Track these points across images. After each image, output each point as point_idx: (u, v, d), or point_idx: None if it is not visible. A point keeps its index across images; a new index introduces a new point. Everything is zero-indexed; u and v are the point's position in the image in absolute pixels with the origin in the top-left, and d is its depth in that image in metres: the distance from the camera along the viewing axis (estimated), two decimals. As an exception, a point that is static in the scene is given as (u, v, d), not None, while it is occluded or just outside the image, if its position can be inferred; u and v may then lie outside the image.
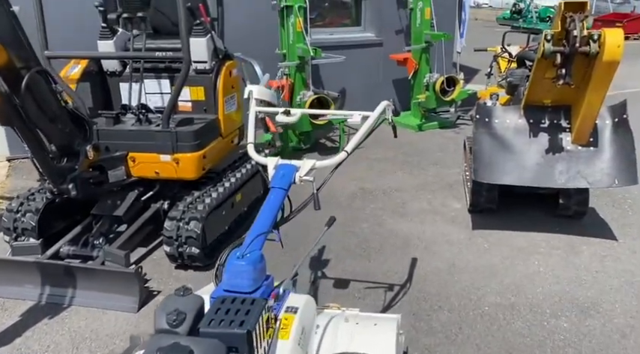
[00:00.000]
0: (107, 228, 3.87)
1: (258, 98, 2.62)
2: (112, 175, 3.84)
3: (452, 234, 4.27)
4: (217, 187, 4.06)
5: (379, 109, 2.53)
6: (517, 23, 20.92)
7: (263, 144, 6.54)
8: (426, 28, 6.95)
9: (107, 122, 3.99)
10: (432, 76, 7.00)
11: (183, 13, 3.59)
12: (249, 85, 2.67)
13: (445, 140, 6.74)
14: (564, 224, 4.34)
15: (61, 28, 5.44)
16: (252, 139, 2.40)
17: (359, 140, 2.33)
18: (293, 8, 5.87)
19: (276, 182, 2.10)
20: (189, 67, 3.75)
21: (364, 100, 7.66)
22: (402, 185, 5.32)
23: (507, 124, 3.99)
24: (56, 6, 5.46)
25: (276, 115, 2.57)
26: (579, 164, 3.80)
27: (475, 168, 3.92)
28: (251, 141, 2.38)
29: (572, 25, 3.18)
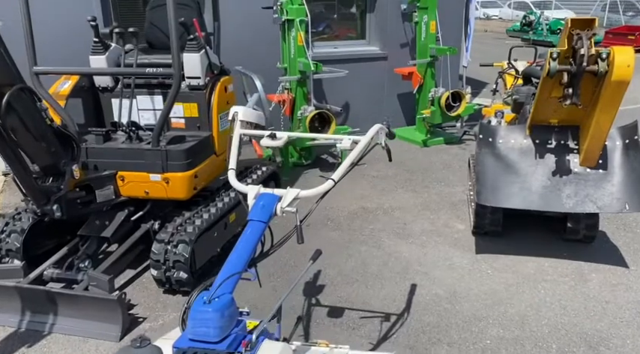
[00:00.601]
0: (94, 250, 3.73)
1: (244, 120, 2.48)
2: (99, 195, 3.71)
3: (454, 258, 4.08)
4: (209, 208, 3.92)
5: (370, 134, 2.37)
6: (527, 35, 20.81)
7: (264, 159, 6.43)
8: (431, 42, 6.80)
9: (97, 140, 3.87)
10: (437, 90, 6.84)
11: (174, 28, 3.47)
12: (234, 107, 2.54)
13: (450, 157, 6.56)
14: (573, 249, 4.13)
15: (53, 43, 5.38)
16: (233, 164, 2.25)
17: (347, 167, 2.16)
18: (294, 22, 5.74)
19: (254, 214, 1.95)
20: (179, 84, 3.62)
21: (368, 115, 7.54)
22: (404, 204, 5.14)
23: (512, 145, 3.81)
24: (48, 20, 5.44)
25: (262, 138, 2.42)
26: (588, 188, 3.61)
27: (478, 190, 3.74)
28: (232, 167, 2.23)
29: (580, 43, 3.01)
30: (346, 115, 7.46)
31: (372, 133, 2.38)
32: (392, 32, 7.40)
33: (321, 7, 7.82)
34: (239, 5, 6.40)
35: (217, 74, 4.31)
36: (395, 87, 7.55)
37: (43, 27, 5.39)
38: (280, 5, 5.90)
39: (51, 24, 5.46)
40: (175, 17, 3.47)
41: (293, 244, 2.14)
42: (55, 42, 5.44)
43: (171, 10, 3.45)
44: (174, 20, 3.46)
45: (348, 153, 2.28)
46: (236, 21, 6.46)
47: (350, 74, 6.93)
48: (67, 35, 5.40)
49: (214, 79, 4.24)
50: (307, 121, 5.72)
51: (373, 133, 2.38)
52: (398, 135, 7.42)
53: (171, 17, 3.45)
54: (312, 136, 2.51)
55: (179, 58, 3.56)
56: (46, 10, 5.48)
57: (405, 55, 7.38)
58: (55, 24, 5.52)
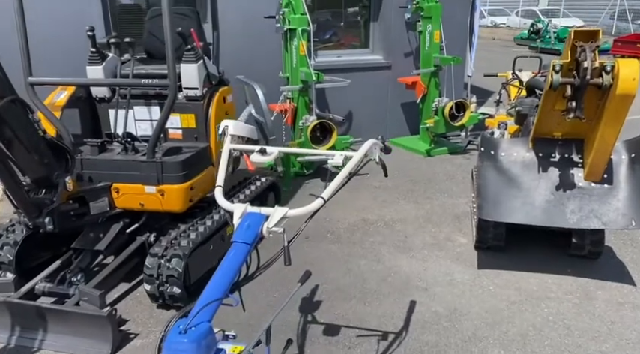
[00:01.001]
0: (87, 263, 3.67)
1: (235, 134, 2.41)
2: (93, 207, 3.66)
3: (455, 273, 3.98)
4: (205, 220, 3.86)
5: (364, 149, 2.29)
6: (535, 43, 20.69)
7: (265, 169, 6.37)
8: (435, 51, 6.73)
9: (92, 151, 3.82)
10: (441, 100, 6.76)
11: (169, 38, 3.42)
12: (224, 120, 2.47)
13: (454, 167, 6.46)
14: (578, 265, 4.02)
15: (55, 53, 5.37)
16: (221, 181, 2.18)
17: (339, 185, 2.09)
18: (296, 31, 5.69)
19: (238, 235, 1.87)
20: (175, 95, 3.56)
21: (371, 124, 7.47)
22: (405, 216, 5.05)
23: (514, 158, 3.72)
24: (49, 31, 5.43)
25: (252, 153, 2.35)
26: (592, 203, 3.51)
27: (479, 204, 3.65)
28: (219, 184, 2.16)
29: (583, 56, 2.92)
30: (349, 125, 7.40)
31: (366, 148, 2.30)
32: (396, 41, 7.33)
33: (327, 15, 7.78)
34: (241, 14, 6.37)
35: (216, 85, 4.26)
36: (399, 96, 7.47)
37: (44, 37, 5.45)
38: (282, 15, 5.86)
39: (52, 34, 5.44)
40: (171, 27, 3.42)
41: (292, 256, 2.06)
42: (57, 52, 5.43)
43: (166, 20, 3.40)
44: (170, 30, 3.41)
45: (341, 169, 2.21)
46: (238, 30, 6.43)
47: (353, 83, 6.88)
48: (69, 45, 5.37)
49: (212, 90, 4.19)
50: (308, 131, 5.67)
51: (366, 148, 2.30)
52: (401, 145, 7.35)
53: (166, 27, 3.40)
54: (303, 151, 2.43)
55: (175, 68, 3.51)
56: (48, 20, 5.47)
57: (409, 65, 7.31)
58: (57, 34, 5.50)
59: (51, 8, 5.48)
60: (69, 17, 5.49)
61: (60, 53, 5.41)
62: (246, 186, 4.60)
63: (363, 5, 7.60)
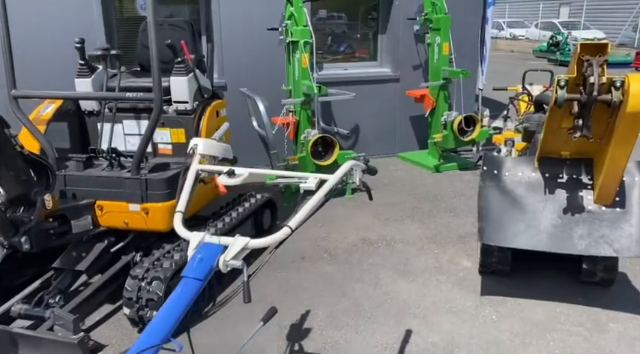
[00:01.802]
0: (67, 284, 3.52)
1: (205, 154, 2.24)
2: (75, 225, 3.51)
3: (456, 300, 3.74)
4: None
5: (340, 172, 2.09)
6: (554, 56, 20.34)
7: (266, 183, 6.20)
8: (444, 64, 6.52)
9: (77, 167, 3.70)
10: (450, 114, 6.53)
11: (154, 50, 3.28)
12: (194, 139, 2.31)
13: (463, 184, 6.21)
14: (589, 293, 3.75)
15: (57, 65, 5.29)
16: (181, 206, 2.00)
17: (309, 212, 1.89)
18: (299, 44, 5.54)
19: (189, 270, 1.68)
20: (160, 109, 3.42)
21: (379, 138, 7.27)
22: (408, 236, 4.82)
23: (519, 178, 3.49)
24: (53, 42, 5.36)
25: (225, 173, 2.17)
26: (603, 228, 3.25)
27: (481, 227, 3.42)
28: (179, 209, 1.98)
29: (590, 71, 2.70)
30: (356, 139, 7.21)
31: (342, 171, 2.10)
32: (404, 54, 7.14)
33: (344, 27, 7.63)
34: (244, 26, 6.26)
35: (208, 98, 4.12)
36: (407, 109, 7.27)
37: (47, 49, 5.39)
38: (285, 27, 5.72)
39: (56, 46, 5.36)
40: (157, 39, 3.28)
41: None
42: (58, 64, 5.35)
43: (152, 31, 3.26)
44: (155, 42, 3.27)
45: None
46: (242, 43, 6.32)
47: (361, 96, 6.71)
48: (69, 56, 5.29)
49: (204, 104, 4.05)
50: (309, 145, 5.49)
51: (343, 172, 2.10)
52: (409, 159, 7.13)
53: (152, 39, 3.26)
54: (275, 173, 2.22)
55: (160, 81, 3.36)
56: (49, 32, 5.41)
57: (417, 77, 7.11)
58: (59, 46, 5.43)
59: (52, 18, 5.42)
60: (70, 28, 5.41)
61: (61, 65, 5.33)
62: (239, 203, 4.42)
63: (372, 17, 7.43)
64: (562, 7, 30.03)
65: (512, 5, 32.58)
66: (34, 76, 5.00)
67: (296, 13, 5.56)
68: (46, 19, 5.41)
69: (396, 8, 7.03)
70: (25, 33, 5.33)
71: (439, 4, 6.46)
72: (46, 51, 5.37)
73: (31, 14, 5.39)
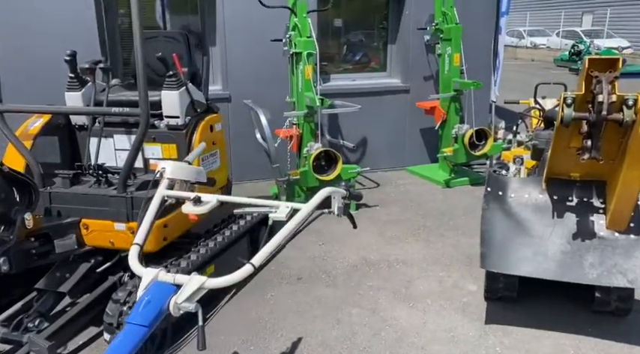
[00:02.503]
0: (49, 306, 3.38)
1: (174, 178, 2.08)
2: (59, 245, 3.38)
3: (459, 329, 3.51)
4: (180, 260, 3.53)
5: (315, 201, 1.91)
6: (576, 65, 19.88)
7: (270, 197, 6.05)
8: (455, 75, 6.31)
9: (63, 183, 3.57)
10: (461, 127, 6.31)
11: (140, 61, 3.15)
12: (162, 162, 2.15)
13: (474, 200, 5.96)
14: (601, 324, 3.49)
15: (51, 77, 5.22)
16: (139, 237, 1.84)
17: (275, 248, 1.71)
18: (302, 55, 5.39)
19: (133, 315, 1.52)
20: (147, 124, 3.27)
21: (388, 151, 7.07)
22: (412, 257, 4.60)
23: (525, 200, 3.26)
24: (46, 54, 5.30)
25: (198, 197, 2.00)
26: (616, 256, 3.01)
27: (483, 253, 3.19)
28: (137, 241, 1.82)
29: (599, 88, 2.48)
30: (363, 152, 7.02)
31: (317, 200, 1.91)
32: (414, 64, 6.94)
33: (360, 36, 7.46)
34: (248, 37, 6.13)
35: (202, 112, 3.98)
36: (417, 121, 7.06)
37: (46, 60, 5.32)
38: (289, 38, 5.58)
39: (54, 57, 5.29)
40: (142, 50, 3.15)
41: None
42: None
43: (137, 42, 3.13)
44: (141, 54, 3.13)
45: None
46: (245, 53, 6.20)
47: (369, 108, 6.54)
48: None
49: (198, 118, 3.91)
50: (312, 159, 5.31)
51: (318, 200, 1.92)
52: (419, 173, 6.90)
53: (137, 48, 3.12)
54: (242, 201, 2.04)
55: (146, 95, 3.22)
56: (50, 43, 5.35)
57: (428, 88, 6.90)
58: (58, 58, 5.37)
59: (54, 29, 5.36)
60: (68, 40, 5.35)
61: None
62: (234, 220, 4.26)
63: (382, 27, 7.25)
64: (585, 16, 29.48)
65: (533, 13, 32.12)
66: (34, 88, 4.96)
67: (300, 23, 5.41)
68: (44, 30, 5.35)
69: (406, 18, 6.84)
70: (24, 43, 5.31)
71: (450, 13, 6.26)
72: (45, 62, 5.30)
73: (30, 25, 5.35)
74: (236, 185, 6.48)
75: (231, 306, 3.78)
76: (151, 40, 4.22)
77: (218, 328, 3.48)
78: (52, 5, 5.35)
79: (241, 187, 6.47)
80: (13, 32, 5.35)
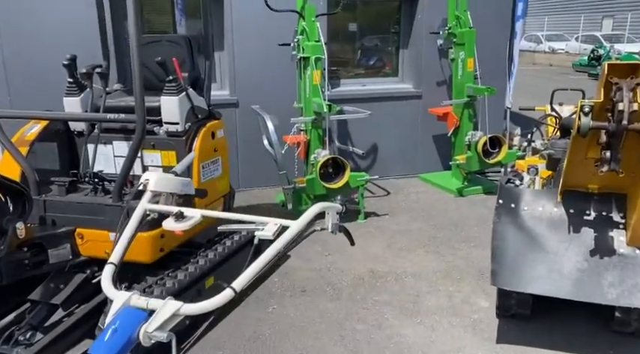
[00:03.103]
0: (42, 319, 3.28)
1: (157, 191, 1.95)
2: (52, 255, 3.28)
3: (467, 348, 3.33)
4: (177, 272, 3.40)
5: (305, 219, 1.76)
6: (595, 70, 19.48)
7: (277, 204, 5.92)
8: (468, 80, 6.13)
9: (59, 191, 3.48)
10: (474, 134, 6.12)
11: (136, 65, 3.04)
12: (145, 173, 2.02)
13: (487, 210, 5.74)
14: (621, 344, 3.28)
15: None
16: (116, 257, 1.70)
17: (259, 270, 1.56)
18: (310, 60, 5.25)
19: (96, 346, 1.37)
20: (143, 131, 3.15)
21: (399, 158, 6.90)
22: (421, 269, 4.42)
23: (539, 213, 3.07)
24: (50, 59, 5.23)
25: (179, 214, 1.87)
26: (637, 275, 2.81)
27: (494, 269, 3.01)
28: (111, 260, 1.69)
29: (619, 95, 2.30)
30: (374, 158, 6.85)
31: (308, 217, 1.76)
32: (427, 69, 6.77)
33: (376, 40, 7.30)
34: (257, 42, 6.02)
35: (203, 119, 3.86)
36: (429, 128, 6.87)
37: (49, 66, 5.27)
38: (297, 42, 5.45)
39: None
40: (138, 54, 3.04)
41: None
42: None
43: (134, 46, 3.02)
44: (137, 58, 3.03)
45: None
46: (253, 58, 6.08)
47: (380, 114, 6.39)
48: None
49: (199, 125, 3.79)
50: (319, 166, 5.16)
51: (309, 217, 1.76)
52: (431, 181, 6.71)
53: (133, 52, 3.02)
54: (230, 216, 1.89)
55: (142, 101, 3.11)
56: (54, 48, 5.29)
57: (441, 94, 6.72)
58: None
59: (60, 32, 5.30)
60: (76, 45, 5.30)
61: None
62: (233, 231, 4.12)
63: (394, 31, 7.10)
64: (605, 20, 28.98)
65: (551, 18, 31.66)
66: (42, 91, 4.90)
67: (308, 27, 5.28)
68: (50, 33, 5.30)
69: (418, 22, 6.68)
70: (31, 45, 5.26)
71: (464, 17, 6.09)
72: (52, 66, 5.25)
73: (36, 28, 5.31)
74: (243, 192, 6.38)
75: (230, 319, 3.65)
76: (154, 44, 4.14)
77: (215, 344, 3.35)
78: (56, 8, 5.31)
79: (249, 193, 6.36)
80: (19, 36, 5.31)
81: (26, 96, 5.28)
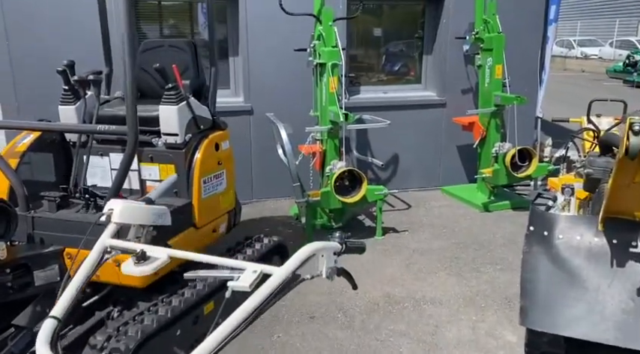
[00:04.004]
0: (25, 345, 3.03)
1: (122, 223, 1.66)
2: (39, 277, 3.04)
3: (492, 391, 2.96)
4: (172, 298, 3.12)
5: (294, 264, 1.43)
6: (631, 77, 18.73)
7: (291, 218, 5.63)
8: (496, 88, 5.74)
9: (49, 207, 3.24)
10: (502, 146, 5.72)
11: (129, 72, 2.79)
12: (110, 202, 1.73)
13: (515, 228, 5.34)
14: (671, 395, 2.86)
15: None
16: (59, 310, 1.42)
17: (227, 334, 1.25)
18: (326, 66, 4.95)
19: None
20: (135, 143, 2.92)
21: (422, 170, 6.53)
22: (442, 295, 4.06)
23: (577, 243, 2.68)
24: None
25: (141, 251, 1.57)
26: (694, 319, 2.40)
27: (523, 307, 2.63)
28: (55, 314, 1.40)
29: (678, 111, 1.92)
30: (394, 170, 6.50)
31: (297, 262, 1.44)
32: (452, 76, 6.40)
33: (402, 46, 6.96)
34: (272, 46, 5.74)
35: (206, 129, 3.59)
36: (454, 138, 6.50)
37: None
38: (313, 47, 5.16)
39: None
40: (131, 60, 2.79)
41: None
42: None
43: (126, 51, 2.77)
44: (130, 64, 2.78)
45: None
46: (269, 64, 5.81)
47: (402, 123, 6.08)
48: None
49: (201, 136, 3.52)
50: (333, 180, 4.84)
51: (298, 262, 1.44)
52: (455, 195, 6.33)
53: (126, 56, 2.77)
54: (199, 258, 1.59)
55: (134, 110, 2.87)
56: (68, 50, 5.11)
57: (466, 103, 6.34)
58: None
59: (65, 35, 5.11)
60: (82, 51, 5.11)
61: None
62: (243, 248, 3.83)
63: (417, 36, 6.74)
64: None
65: (584, 22, 30.73)
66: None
67: (325, 32, 4.98)
68: (59, 37, 5.11)
69: (443, 26, 6.32)
70: (39, 49, 5.09)
71: (492, 21, 5.71)
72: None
73: (45, 31, 5.14)
74: (257, 203, 6.10)
75: (232, 347, 3.34)
76: (156, 50, 3.90)
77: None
78: (66, 12, 5.13)
79: (262, 205, 6.08)
80: (29, 39, 5.15)
81: (34, 101, 5.10)
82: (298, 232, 5.24)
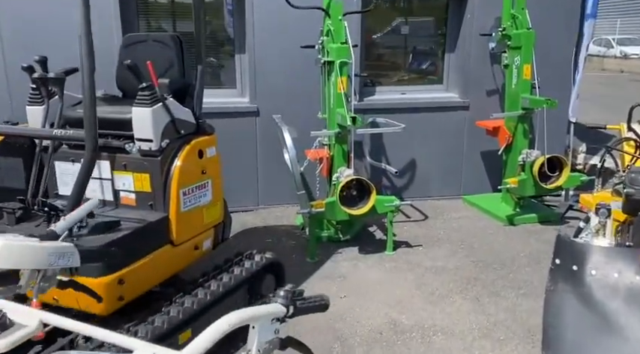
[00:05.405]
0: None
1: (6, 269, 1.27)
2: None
3: None
4: (147, 325, 2.74)
5: (204, 342, 1.00)
6: (674, 78, 17.69)
7: (297, 227, 5.23)
8: (524, 90, 5.22)
9: (9, 220, 2.90)
10: (529, 153, 5.19)
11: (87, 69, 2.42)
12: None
13: (542, 245, 4.81)
14: None
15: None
16: None
17: None
18: (334, 64, 4.52)
19: None
20: (94, 152, 2.55)
21: (442, 177, 6.05)
22: (455, 324, 3.59)
23: (614, 282, 2.20)
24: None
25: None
26: None
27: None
28: None
29: None
30: (412, 176, 6.03)
31: (205, 343, 1.00)
32: (476, 76, 5.88)
33: (430, 43, 6.47)
34: (280, 44, 5.34)
35: (188, 134, 3.20)
36: (477, 143, 5.99)
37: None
38: (321, 44, 4.74)
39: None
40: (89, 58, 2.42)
41: None
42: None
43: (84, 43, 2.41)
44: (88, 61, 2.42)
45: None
46: (276, 62, 5.42)
47: (421, 126, 5.67)
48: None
49: (181, 142, 3.14)
50: (339, 189, 4.40)
51: (207, 343, 1.00)
52: (477, 205, 5.82)
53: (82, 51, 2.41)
54: (82, 330, 1.21)
55: (93, 114, 2.50)
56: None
57: (491, 105, 5.83)
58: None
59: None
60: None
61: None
62: (231, 266, 3.43)
63: (440, 33, 6.25)
64: (685, 22, 26.65)
65: (624, 19, 29.39)
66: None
67: (334, 27, 4.55)
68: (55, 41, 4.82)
69: (467, 22, 5.81)
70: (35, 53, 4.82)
71: (521, 17, 5.20)
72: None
73: (40, 35, 4.85)
74: (263, 210, 5.73)
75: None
76: (138, 45, 3.54)
77: None
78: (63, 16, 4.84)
79: (268, 212, 5.71)
80: (24, 43, 4.88)
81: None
82: (302, 245, 4.84)
